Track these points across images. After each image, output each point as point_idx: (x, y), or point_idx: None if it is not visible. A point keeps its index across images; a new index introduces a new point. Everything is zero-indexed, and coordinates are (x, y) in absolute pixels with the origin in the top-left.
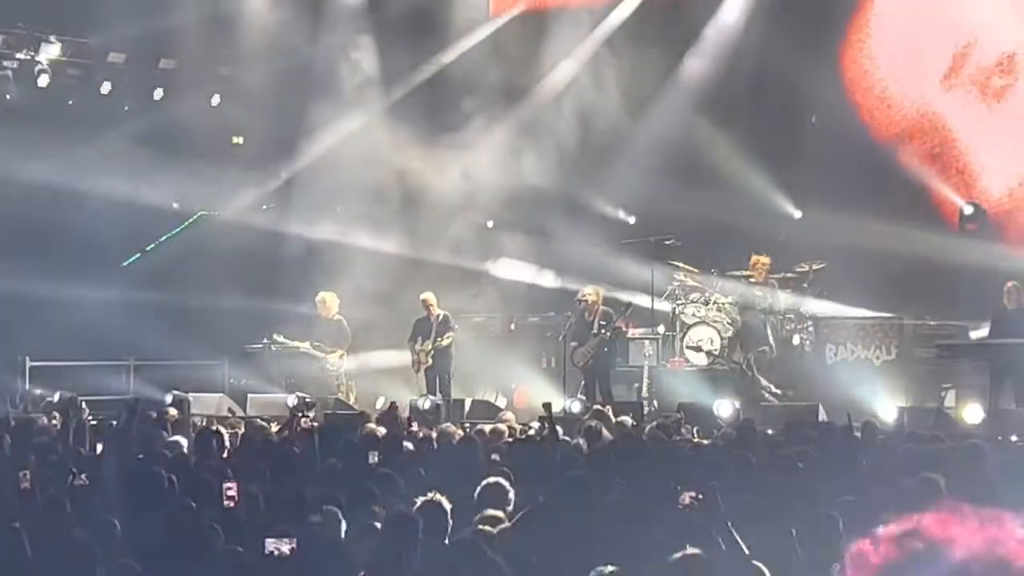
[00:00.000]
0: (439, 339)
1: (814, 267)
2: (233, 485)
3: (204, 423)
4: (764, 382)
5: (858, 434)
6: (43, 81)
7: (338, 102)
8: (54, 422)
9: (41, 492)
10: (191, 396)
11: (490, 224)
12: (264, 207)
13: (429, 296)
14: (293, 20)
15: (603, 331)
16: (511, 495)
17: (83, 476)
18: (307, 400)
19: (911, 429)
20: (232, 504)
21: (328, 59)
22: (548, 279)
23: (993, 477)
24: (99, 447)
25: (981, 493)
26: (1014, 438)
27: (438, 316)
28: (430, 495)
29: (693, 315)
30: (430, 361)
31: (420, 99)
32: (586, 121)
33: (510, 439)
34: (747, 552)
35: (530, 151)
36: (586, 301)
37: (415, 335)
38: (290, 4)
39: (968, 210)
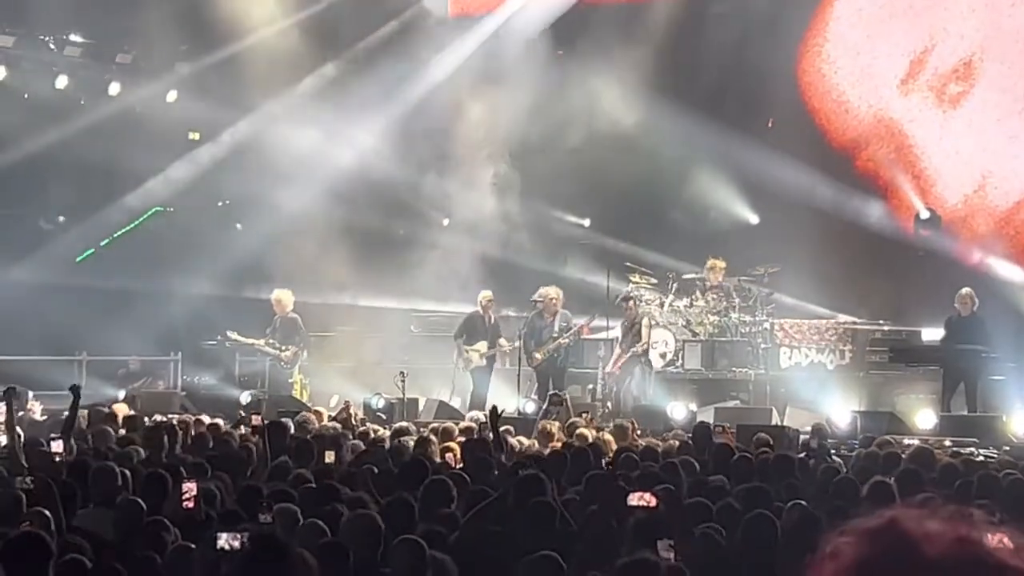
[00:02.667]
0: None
1: (769, 270)
2: (192, 486)
3: (157, 420)
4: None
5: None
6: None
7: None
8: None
9: None
10: (143, 392)
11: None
12: (220, 203)
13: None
14: None
15: (563, 333)
16: (454, 493)
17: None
18: (260, 398)
19: (864, 433)
20: (191, 504)
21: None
22: None
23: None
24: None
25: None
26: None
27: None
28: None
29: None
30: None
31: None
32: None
33: (462, 438)
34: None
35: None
36: (545, 301)
37: (472, 333)
38: None
39: (924, 215)
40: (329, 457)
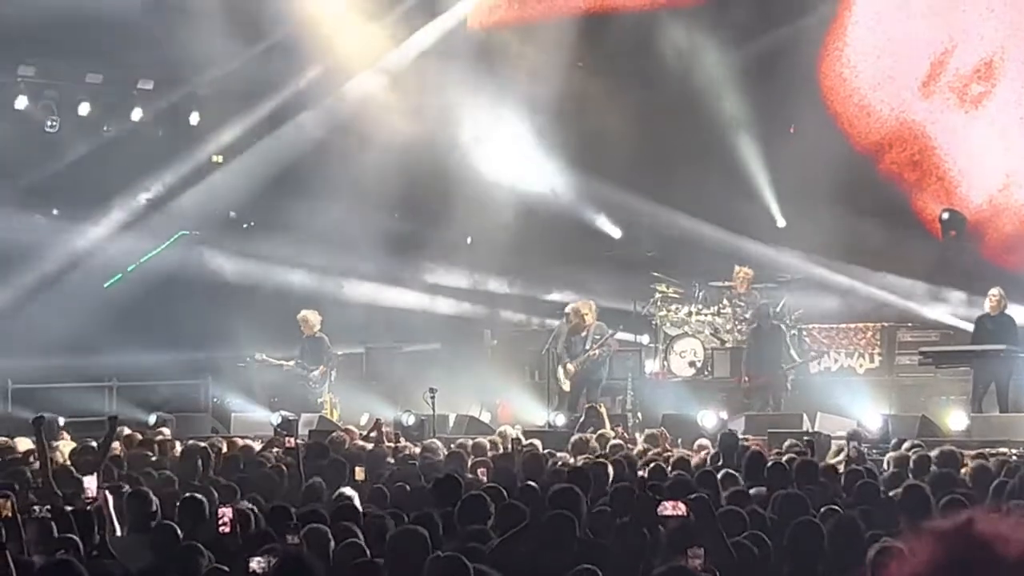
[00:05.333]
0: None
1: (796, 277)
2: (227, 511)
3: (189, 443)
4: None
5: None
6: None
7: None
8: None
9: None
10: (174, 416)
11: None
12: (244, 225)
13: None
14: None
15: (597, 347)
16: (491, 509)
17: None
18: (291, 418)
19: (896, 437)
20: (227, 529)
21: None
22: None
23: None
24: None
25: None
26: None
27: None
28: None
29: (676, 326)
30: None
31: None
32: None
33: (493, 453)
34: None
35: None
36: (579, 314)
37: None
38: None
39: (944, 216)
40: (360, 474)
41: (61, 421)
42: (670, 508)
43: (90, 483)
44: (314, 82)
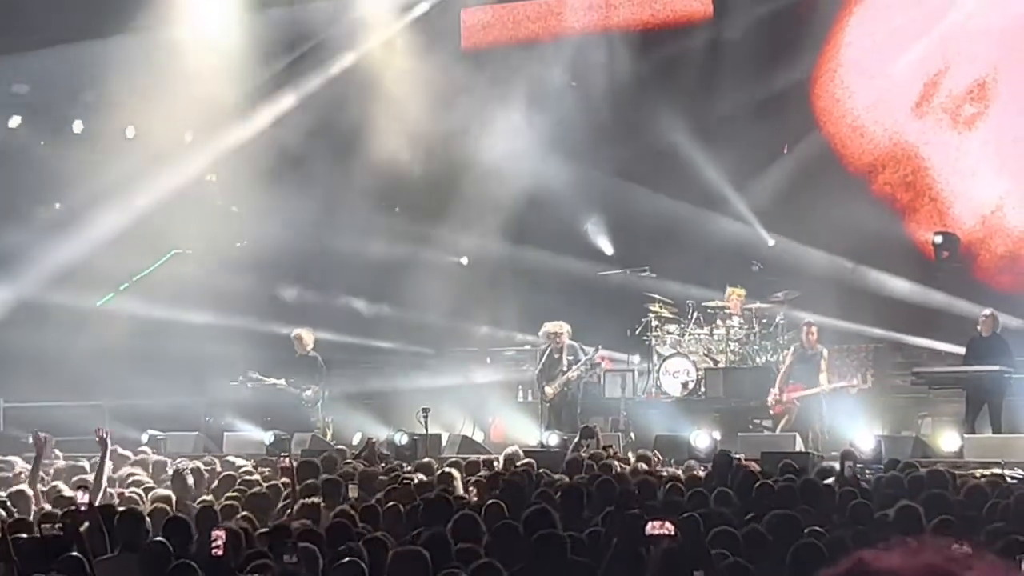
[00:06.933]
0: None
1: (789, 297)
2: (221, 533)
3: (181, 462)
4: None
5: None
6: None
7: None
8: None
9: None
10: (167, 435)
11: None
12: (238, 244)
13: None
14: None
15: (571, 366)
16: (483, 528)
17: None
18: (284, 437)
19: (889, 457)
20: (220, 552)
21: None
22: None
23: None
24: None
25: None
26: None
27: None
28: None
29: (669, 346)
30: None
31: None
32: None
33: (488, 472)
34: None
35: None
36: (551, 336)
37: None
38: None
39: (938, 239)
40: (353, 492)
41: (53, 439)
42: (658, 528)
43: (83, 497)
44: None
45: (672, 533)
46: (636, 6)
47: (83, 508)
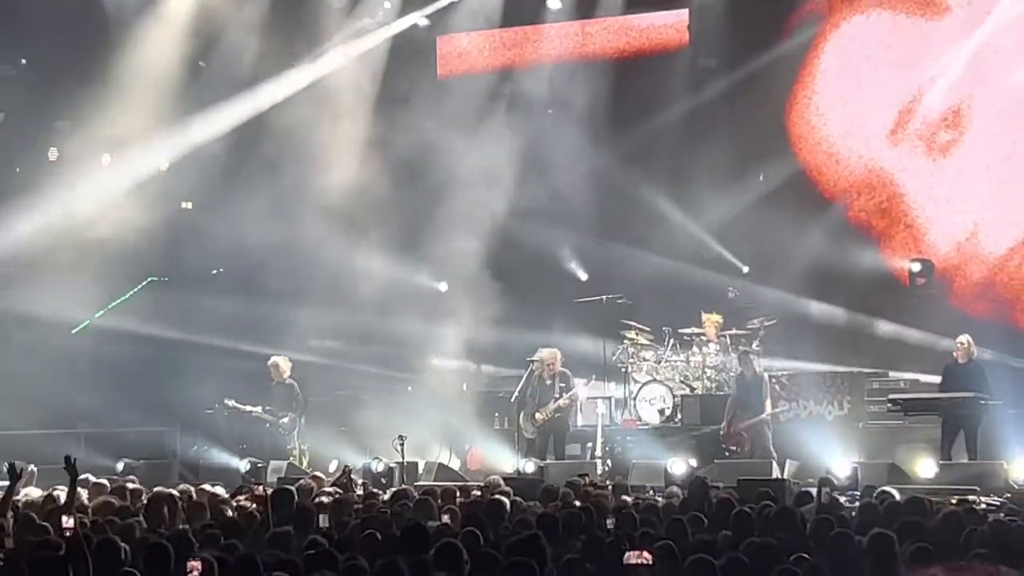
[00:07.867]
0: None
1: (765, 324)
2: (196, 564)
3: (156, 490)
4: None
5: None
6: None
7: None
8: None
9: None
10: (142, 463)
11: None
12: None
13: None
14: None
15: (566, 397)
16: (465, 556)
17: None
18: (259, 465)
19: (865, 484)
20: None
21: None
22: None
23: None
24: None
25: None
26: None
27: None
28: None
29: (645, 373)
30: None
31: None
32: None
33: (463, 499)
34: None
35: None
36: (545, 364)
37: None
38: None
39: (915, 267)
40: (324, 521)
41: (32, 468)
42: (635, 557)
43: (68, 522)
44: None
45: (650, 562)
46: (612, 34)
47: (69, 528)
